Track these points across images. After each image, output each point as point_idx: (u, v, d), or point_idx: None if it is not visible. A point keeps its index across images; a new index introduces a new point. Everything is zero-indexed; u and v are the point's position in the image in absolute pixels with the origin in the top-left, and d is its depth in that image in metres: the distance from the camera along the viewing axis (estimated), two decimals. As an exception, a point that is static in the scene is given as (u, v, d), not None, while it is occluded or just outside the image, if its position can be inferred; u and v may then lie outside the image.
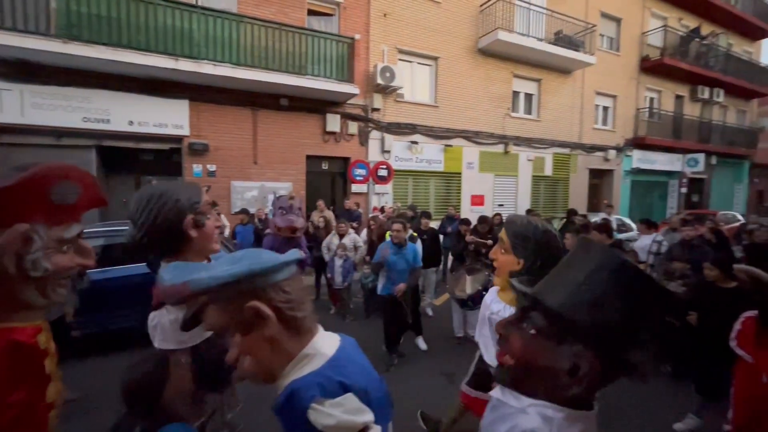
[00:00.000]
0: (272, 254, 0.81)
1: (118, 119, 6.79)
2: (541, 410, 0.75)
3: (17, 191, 1.09)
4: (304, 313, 0.80)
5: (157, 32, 6.47)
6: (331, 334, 0.89)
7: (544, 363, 0.74)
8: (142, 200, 1.54)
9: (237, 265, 0.74)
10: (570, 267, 0.81)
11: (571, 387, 0.73)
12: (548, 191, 12.59)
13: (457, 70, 10.32)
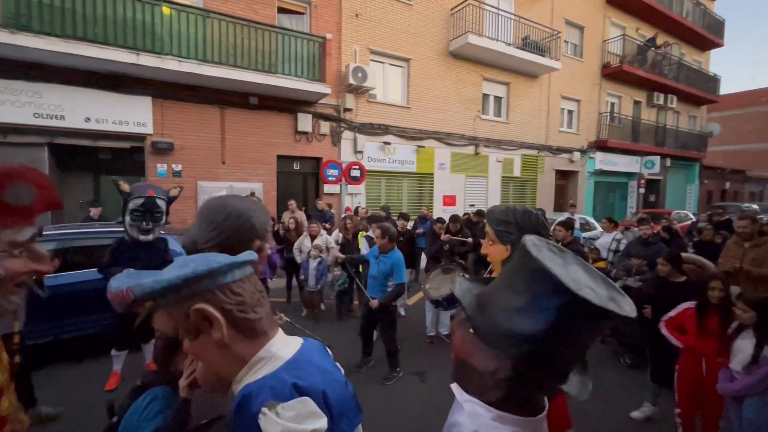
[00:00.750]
0: (224, 256, 0.77)
1: (74, 116, 6.42)
2: (472, 407, 0.77)
3: None
4: (257, 315, 0.77)
5: (117, 25, 6.16)
6: (293, 338, 0.86)
7: (474, 362, 0.77)
8: (220, 214, 1.43)
9: (183, 268, 0.72)
10: (502, 274, 0.83)
11: (494, 389, 0.75)
12: (517, 192, 12.97)
13: (429, 72, 10.44)
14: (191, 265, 0.72)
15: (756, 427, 2.38)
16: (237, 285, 0.75)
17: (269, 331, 0.80)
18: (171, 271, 0.72)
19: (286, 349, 0.80)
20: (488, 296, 0.81)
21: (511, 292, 0.76)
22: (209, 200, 1.50)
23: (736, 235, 4.19)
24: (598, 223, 9.37)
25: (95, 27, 6.02)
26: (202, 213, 1.49)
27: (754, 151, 27.78)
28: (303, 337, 0.88)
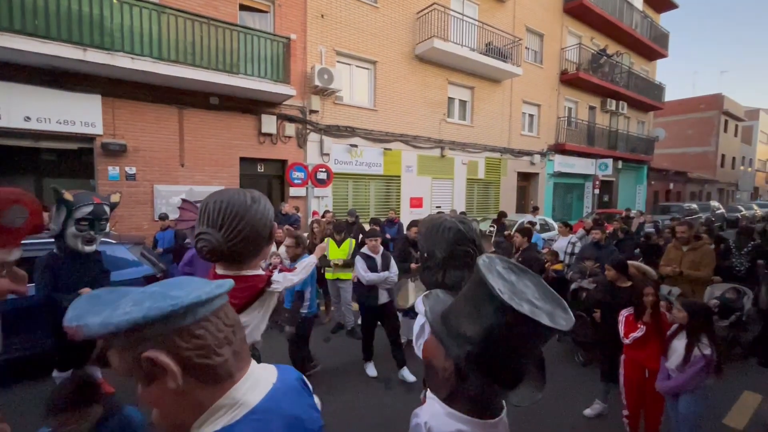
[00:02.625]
0: (189, 288, 0.69)
1: (12, 114, 5.91)
2: (431, 402, 0.90)
3: None
4: (221, 358, 0.69)
5: (60, 18, 5.73)
6: (266, 374, 0.78)
7: (434, 363, 0.89)
8: (232, 208, 1.56)
9: (135, 308, 0.64)
10: (464, 287, 0.94)
11: (443, 387, 0.88)
12: (481, 193, 13.34)
13: (395, 75, 10.51)
14: (145, 304, 0.64)
15: (690, 420, 2.60)
16: (198, 326, 0.67)
17: (236, 372, 0.72)
18: (121, 311, 0.64)
19: (253, 393, 0.73)
20: (451, 306, 0.92)
21: (463, 302, 0.87)
22: (216, 198, 1.58)
23: (675, 240, 4.53)
24: (557, 224, 9.82)
25: (35, 19, 5.57)
26: (209, 211, 1.56)
27: (695, 154, 30.15)
28: (279, 370, 0.82)
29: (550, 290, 0.94)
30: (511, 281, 0.87)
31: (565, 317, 0.83)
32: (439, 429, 0.86)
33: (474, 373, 0.83)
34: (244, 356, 0.74)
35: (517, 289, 0.85)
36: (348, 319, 5.28)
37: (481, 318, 0.82)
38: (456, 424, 0.87)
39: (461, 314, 0.87)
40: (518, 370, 0.87)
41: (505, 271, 0.91)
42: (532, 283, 0.93)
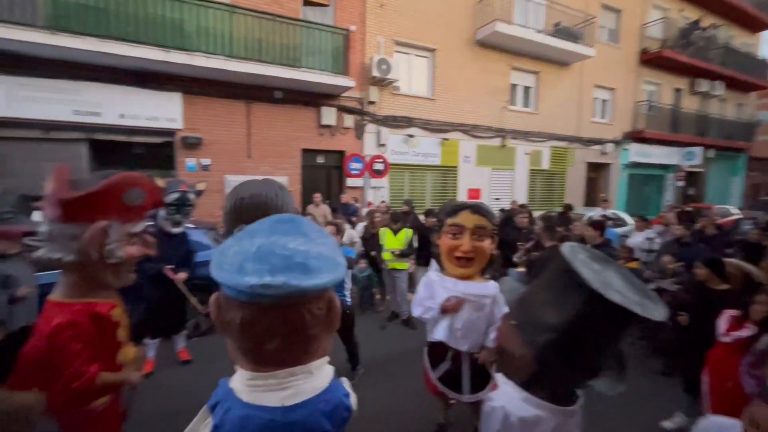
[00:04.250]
0: (282, 267, 0.70)
1: (110, 112, 6.69)
2: (506, 387, 0.92)
3: (100, 195, 1.43)
4: (248, 346, 0.73)
5: (148, 23, 6.34)
6: (304, 393, 0.75)
7: (510, 349, 0.90)
8: (270, 198, 1.70)
9: (229, 259, 0.75)
10: (543, 274, 0.96)
11: (521, 372, 0.89)
12: (545, 185, 12.57)
13: (455, 63, 10.20)
14: (229, 260, 0.73)
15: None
16: (242, 306, 0.73)
17: (263, 365, 0.80)
18: (228, 255, 0.75)
19: (263, 394, 0.76)
20: (527, 293, 0.94)
21: (545, 289, 0.88)
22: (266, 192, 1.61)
23: (786, 238, 3.89)
24: (632, 219, 8.96)
25: (128, 26, 6.21)
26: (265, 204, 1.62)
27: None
28: (323, 396, 0.81)
29: (636, 280, 0.90)
30: (596, 270, 0.82)
31: (657, 308, 0.79)
32: (517, 413, 0.87)
33: (555, 361, 0.81)
34: (284, 359, 0.80)
35: (604, 279, 0.81)
36: (403, 309, 5.29)
37: (566, 306, 0.80)
38: (533, 409, 0.86)
39: (541, 302, 0.86)
40: (601, 361, 0.86)
41: (589, 260, 0.87)
42: (617, 273, 0.89)
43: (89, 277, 1.51)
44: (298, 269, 0.67)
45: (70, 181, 1.43)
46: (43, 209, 1.46)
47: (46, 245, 1.43)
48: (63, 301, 1.48)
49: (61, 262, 1.43)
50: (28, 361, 1.39)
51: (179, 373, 3.84)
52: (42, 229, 1.44)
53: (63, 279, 1.52)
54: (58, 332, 1.40)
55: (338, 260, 0.73)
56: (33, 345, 1.41)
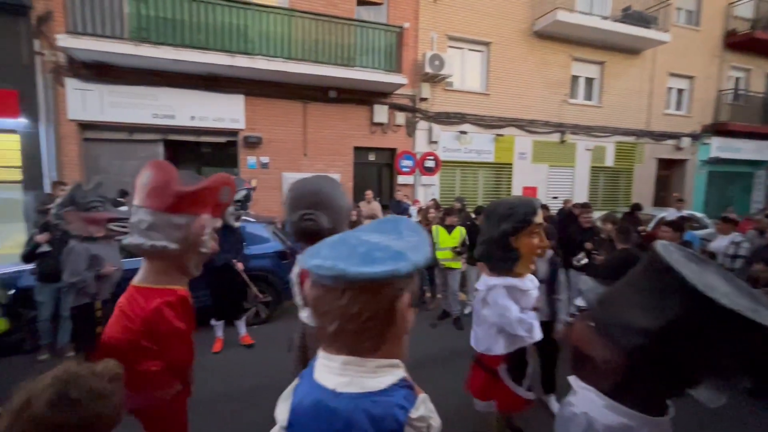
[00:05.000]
0: (420, 250, 0.77)
1: (182, 115, 7.28)
2: (586, 393, 0.85)
3: (206, 191, 1.60)
4: (315, 323, 0.83)
5: (215, 31, 6.80)
6: (337, 377, 0.78)
7: (590, 352, 0.83)
8: (330, 191, 1.87)
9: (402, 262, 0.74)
10: (628, 274, 0.88)
11: (606, 378, 0.81)
12: (609, 183, 11.69)
13: (511, 56, 9.80)
14: (414, 257, 0.75)
15: None
16: (315, 285, 0.81)
17: (325, 344, 0.85)
18: (380, 264, 0.73)
19: (320, 372, 0.83)
20: (610, 294, 0.86)
21: (633, 290, 0.80)
22: (328, 187, 1.90)
23: None
24: (711, 221, 8.06)
25: (198, 34, 6.71)
26: (326, 197, 1.87)
27: None
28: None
29: (742, 284, 0.79)
30: (695, 271, 0.74)
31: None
32: (602, 421, 0.80)
33: (647, 368, 0.75)
34: (332, 343, 0.83)
35: (706, 281, 0.72)
36: (454, 308, 5.19)
37: (662, 309, 0.72)
38: (619, 417, 0.79)
39: (630, 303, 0.78)
40: (702, 370, 0.76)
41: (685, 260, 0.77)
42: (719, 275, 0.79)
43: (179, 266, 1.63)
44: (358, 258, 0.71)
45: (178, 177, 1.59)
46: (148, 200, 1.55)
47: (148, 234, 1.53)
48: (153, 286, 1.58)
49: (165, 250, 1.54)
50: (120, 341, 1.46)
51: (242, 356, 4.08)
52: (144, 219, 1.54)
53: (150, 266, 1.61)
54: (161, 313, 1.50)
55: (406, 255, 0.73)
56: (124, 326, 1.49)
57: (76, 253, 2.99)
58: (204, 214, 1.62)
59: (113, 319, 1.55)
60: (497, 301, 2.09)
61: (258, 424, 2.93)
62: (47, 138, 6.47)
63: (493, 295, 2.11)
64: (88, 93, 6.67)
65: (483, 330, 2.22)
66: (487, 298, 2.15)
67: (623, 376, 0.78)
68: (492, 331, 2.16)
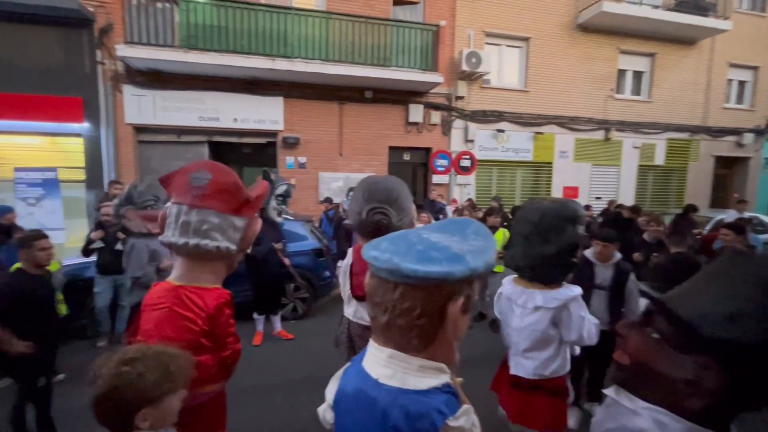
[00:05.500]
0: (482, 251, 0.75)
1: (226, 117, 7.62)
2: (655, 415, 0.72)
3: (261, 197, 1.70)
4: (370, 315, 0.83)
5: (257, 36, 7.06)
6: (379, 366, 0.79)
7: (662, 369, 0.71)
8: (399, 189, 1.87)
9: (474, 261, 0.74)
10: (711, 277, 0.75)
11: (690, 398, 0.69)
12: (659, 183, 10.97)
13: (552, 50, 9.45)
14: (483, 257, 0.75)
15: None
16: (372, 275, 0.82)
17: (374, 334, 0.86)
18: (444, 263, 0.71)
19: (368, 361, 0.83)
20: (684, 301, 0.73)
21: (723, 299, 0.68)
22: (397, 185, 1.90)
23: None
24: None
25: (242, 39, 7.00)
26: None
27: None
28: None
29: None
30: None
31: None
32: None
33: (748, 388, 0.65)
34: (378, 335, 0.82)
35: None
36: (492, 311, 5.08)
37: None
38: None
39: (724, 314, 0.67)
40: None
41: None
42: None
43: (230, 266, 1.68)
44: (414, 255, 0.70)
45: None
46: (212, 202, 1.56)
47: (210, 234, 1.55)
48: (207, 286, 1.59)
49: (227, 252, 1.58)
50: (179, 341, 1.46)
51: (280, 349, 4.22)
52: (208, 220, 1.55)
53: (198, 266, 1.60)
54: (223, 312, 1.56)
55: (464, 258, 0.71)
56: (182, 326, 1.50)
57: (138, 249, 3.22)
58: (257, 218, 1.70)
59: (159, 319, 1.53)
60: (579, 313, 1.84)
61: (296, 414, 3.03)
62: (107, 141, 7.00)
63: (574, 308, 1.84)
64: (142, 98, 7.15)
65: (549, 352, 1.92)
66: (560, 315, 1.86)
67: (716, 397, 0.67)
68: (562, 349, 1.92)
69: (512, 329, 1.99)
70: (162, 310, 1.53)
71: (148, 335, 1.49)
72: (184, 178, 1.60)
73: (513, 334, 1.99)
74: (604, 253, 2.83)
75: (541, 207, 1.90)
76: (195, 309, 1.52)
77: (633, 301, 2.75)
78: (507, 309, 2.05)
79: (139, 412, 1.00)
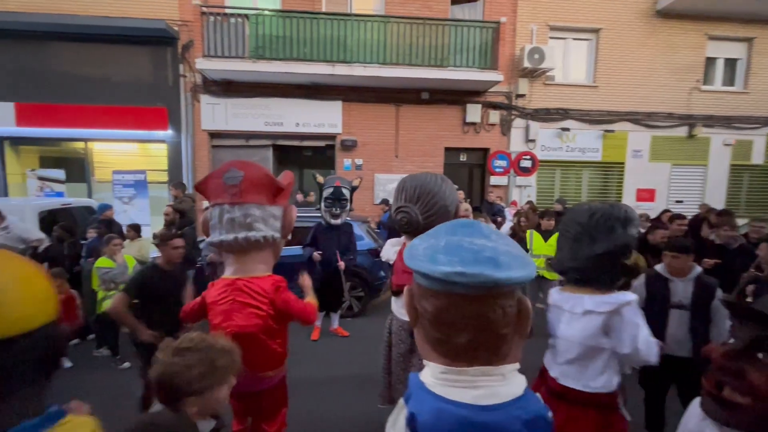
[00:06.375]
0: (472, 260, 0.70)
1: (288, 122, 8.04)
2: None
3: (290, 185, 1.85)
4: (442, 337, 0.72)
5: (318, 43, 7.36)
6: (498, 396, 0.71)
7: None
8: (426, 186, 1.93)
9: (422, 249, 0.75)
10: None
11: None
12: (757, 185, 9.60)
13: (626, 41, 8.70)
14: (424, 251, 0.74)
15: None
16: (438, 295, 0.72)
17: (454, 359, 0.74)
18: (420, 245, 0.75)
19: (455, 390, 0.72)
20: None
21: None
22: (426, 182, 1.95)
23: None
24: None
25: (304, 47, 7.34)
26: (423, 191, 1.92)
27: None
28: (519, 404, 0.74)
29: None
30: None
31: None
32: None
33: None
34: (478, 356, 0.72)
35: None
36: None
37: None
38: None
39: None
40: None
41: None
42: None
43: (276, 253, 1.84)
44: (488, 262, 0.67)
45: None
46: (250, 196, 1.68)
47: (255, 226, 1.67)
48: (261, 275, 1.72)
49: (273, 240, 1.72)
50: (252, 327, 1.64)
51: (337, 345, 4.35)
52: (252, 213, 1.67)
53: (248, 258, 1.71)
54: (285, 295, 1.68)
55: (527, 260, 0.70)
56: (251, 313, 1.63)
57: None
58: (292, 206, 1.84)
59: (227, 312, 1.63)
60: (634, 320, 1.63)
61: (351, 407, 3.10)
62: (186, 146, 7.73)
63: (628, 314, 1.63)
64: (216, 107, 7.79)
65: (598, 364, 1.71)
66: (611, 322, 1.65)
67: None
68: (613, 363, 1.71)
69: (559, 338, 1.80)
70: (226, 303, 1.65)
71: (219, 328, 1.59)
72: (217, 180, 1.69)
73: (560, 342, 1.80)
74: (677, 266, 2.42)
75: (590, 207, 1.74)
76: (257, 296, 1.64)
77: (720, 321, 2.35)
78: (555, 318, 1.86)
79: (186, 399, 1.07)
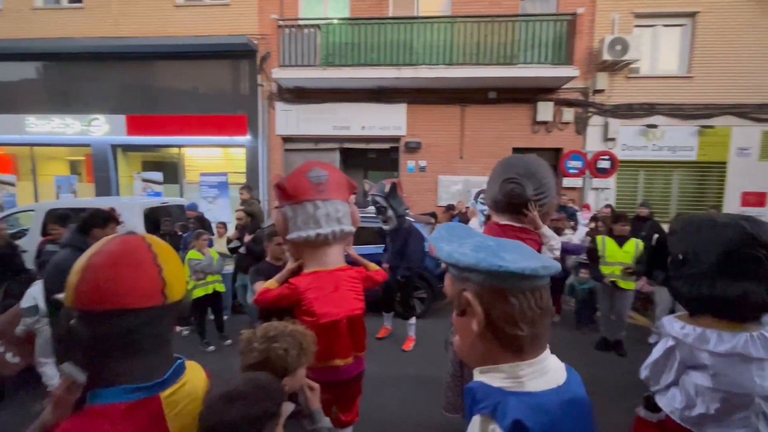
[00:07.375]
0: (520, 257, 0.72)
1: (354, 125, 8.29)
2: None
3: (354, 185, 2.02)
4: (521, 332, 0.70)
5: (385, 47, 7.50)
6: (556, 370, 0.75)
7: None
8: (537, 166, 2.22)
9: (472, 253, 0.73)
10: None
11: None
12: None
13: (729, 24, 7.65)
14: (480, 255, 0.72)
15: None
16: (513, 294, 0.70)
17: (526, 352, 0.72)
18: (462, 250, 0.75)
19: (535, 381, 0.71)
20: None
21: None
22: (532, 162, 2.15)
23: None
24: None
25: (371, 53, 7.52)
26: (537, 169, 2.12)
27: None
28: (570, 374, 0.77)
29: None
30: None
31: None
32: None
33: None
34: (542, 343, 0.75)
35: None
36: (617, 333, 4.33)
37: None
38: None
39: None
40: None
41: None
42: None
43: (349, 244, 2.01)
44: (536, 256, 0.76)
45: None
46: (337, 194, 1.86)
47: (342, 221, 1.83)
48: (344, 265, 1.92)
49: (352, 232, 1.87)
50: (362, 309, 1.91)
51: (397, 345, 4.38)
52: (341, 209, 1.87)
53: (336, 250, 1.89)
54: (361, 272, 1.93)
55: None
56: (357, 298, 1.90)
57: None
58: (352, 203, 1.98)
59: (339, 299, 1.78)
60: None
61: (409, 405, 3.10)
62: (262, 150, 8.34)
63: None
64: (289, 113, 8.30)
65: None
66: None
67: None
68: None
69: (690, 385, 1.43)
70: (336, 291, 1.79)
71: (329, 316, 1.72)
72: (301, 180, 1.78)
73: (699, 396, 1.40)
74: None
75: (701, 218, 1.42)
76: (355, 283, 1.84)
77: None
78: (734, 370, 1.35)
79: (282, 380, 1.14)
